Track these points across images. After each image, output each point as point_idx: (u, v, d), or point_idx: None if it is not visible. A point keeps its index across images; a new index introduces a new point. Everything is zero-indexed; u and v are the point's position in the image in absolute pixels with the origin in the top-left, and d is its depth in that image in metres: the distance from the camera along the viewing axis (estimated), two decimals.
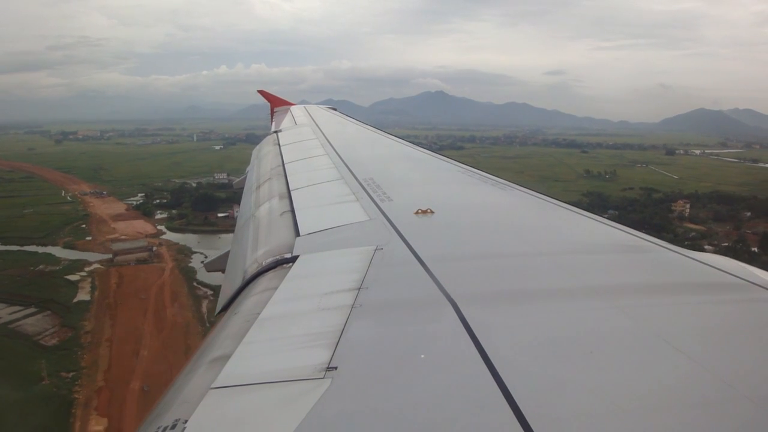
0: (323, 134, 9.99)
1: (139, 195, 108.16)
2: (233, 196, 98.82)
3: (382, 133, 11.00)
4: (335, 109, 16.58)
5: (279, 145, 9.25)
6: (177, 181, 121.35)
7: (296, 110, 15.48)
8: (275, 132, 11.16)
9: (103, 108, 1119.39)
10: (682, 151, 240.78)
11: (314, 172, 6.52)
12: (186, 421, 1.82)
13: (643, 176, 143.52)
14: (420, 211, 4.25)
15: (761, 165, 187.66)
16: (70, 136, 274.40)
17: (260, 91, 18.71)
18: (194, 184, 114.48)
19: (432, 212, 4.23)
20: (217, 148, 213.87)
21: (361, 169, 6.28)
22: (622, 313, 2.46)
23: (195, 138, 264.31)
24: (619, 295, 2.70)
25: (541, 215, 4.54)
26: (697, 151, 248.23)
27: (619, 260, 3.40)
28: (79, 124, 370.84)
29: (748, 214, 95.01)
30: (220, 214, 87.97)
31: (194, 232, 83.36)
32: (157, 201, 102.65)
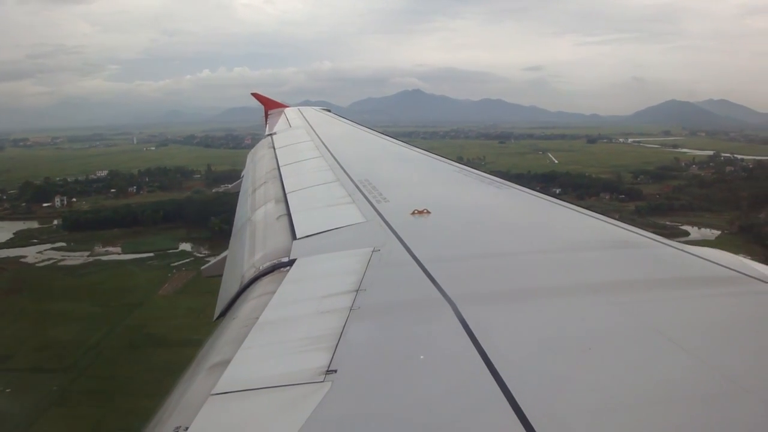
0: (318, 136, 10.03)
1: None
2: (68, 190, 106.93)
3: (377, 134, 11.07)
4: (329, 111, 16.78)
5: (274, 148, 9.28)
6: (56, 179, 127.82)
7: (290, 112, 15.37)
8: (270, 135, 11.17)
9: (86, 115, 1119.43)
10: (605, 140, 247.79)
11: (310, 175, 6.50)
12: (187, 429, 1.81)
13: (524, 162, 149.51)
14: (416, 211, 4.24)
15: (677, 150, 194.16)
16: (21, 143, 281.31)
17: (254, 94, 18.53)
18: (60, 181, 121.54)
19: (428, 213, 4.24)
20: (145, 149, 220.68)
21: (357, 170, 6.27)
22: (620, 309, 2.48)
23: (135, 141, 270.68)
24: (617, 291, 2.73)
25: (537, 213, 4.58)
26: (621, 139, 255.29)
27: (616, 256, 3.43)
28: (59, 132, 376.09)
29: (558, 191, 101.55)
30: (44, 204, 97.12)
31: (11, 219, 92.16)
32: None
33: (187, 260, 68.09)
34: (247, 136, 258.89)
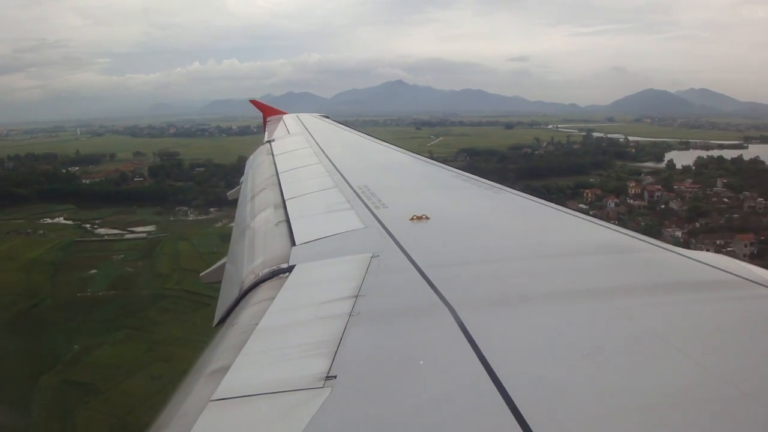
0: (316, 143, 10.07)
1: None
2: None
3: (375, 140, 11.18)
4: (328, 117, 17.04)
5: (272, 154, 9.28)
6: None
7: (289, 119, 15.50)
8: (268, 142, 11.35)
9: (77, 108, 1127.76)
10: (527, 126, 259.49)
11: (308, 181, 6.49)
12: None
13: (404, 144, 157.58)
14: (415, 217, 4.25)
15: (593, 134, 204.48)
16: None
17: (252, 101, 18.56)
18: None
19: (427, 218, 4.25)
20: (77, 139, 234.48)
21: (355, 176, 6.28)
22: (620, 314, 2.45)
23: (78, 132, 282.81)
24: (617, 296, 2.71)
25: (536, 218, 4.58)
26: (542, 125, 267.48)
27: (615, 261, 3.40)
28: (47, 124, 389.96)
29: None
30: None
31: None
32: None
33: None
34: (171, 126, 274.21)
